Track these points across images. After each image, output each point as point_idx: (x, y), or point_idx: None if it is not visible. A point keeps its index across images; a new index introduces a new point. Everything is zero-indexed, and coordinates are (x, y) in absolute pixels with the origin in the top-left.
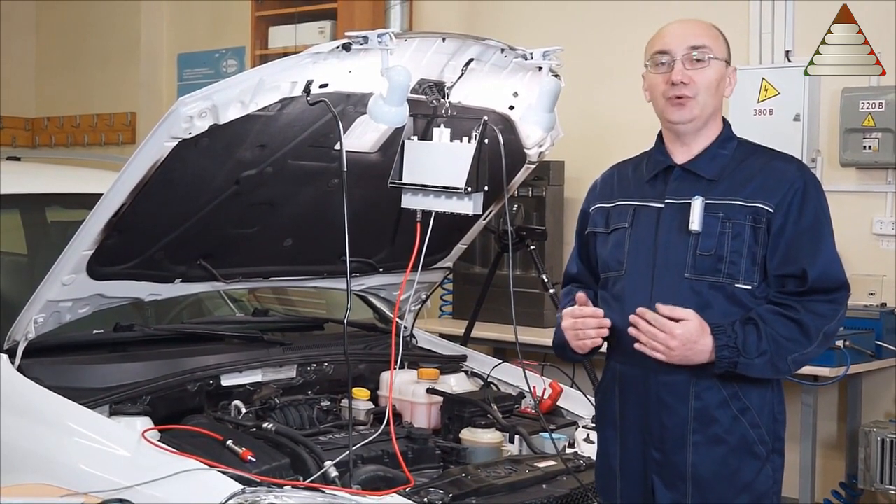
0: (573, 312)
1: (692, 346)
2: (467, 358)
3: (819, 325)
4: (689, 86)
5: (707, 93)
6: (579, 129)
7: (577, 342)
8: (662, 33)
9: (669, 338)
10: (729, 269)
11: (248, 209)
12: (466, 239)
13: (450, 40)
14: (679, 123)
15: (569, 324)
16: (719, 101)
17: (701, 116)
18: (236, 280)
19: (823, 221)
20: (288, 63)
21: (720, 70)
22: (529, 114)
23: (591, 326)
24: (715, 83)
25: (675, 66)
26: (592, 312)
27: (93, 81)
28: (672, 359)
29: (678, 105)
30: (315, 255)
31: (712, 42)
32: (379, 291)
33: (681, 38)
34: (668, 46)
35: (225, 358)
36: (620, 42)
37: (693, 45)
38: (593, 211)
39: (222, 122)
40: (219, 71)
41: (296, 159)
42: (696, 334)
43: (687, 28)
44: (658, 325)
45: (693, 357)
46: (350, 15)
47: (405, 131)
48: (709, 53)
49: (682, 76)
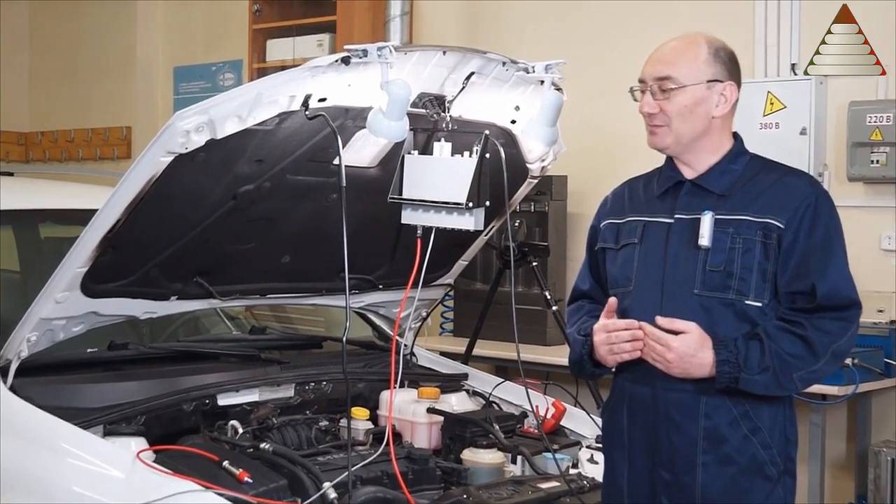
0: (606, 326)
1: (690, 359)
2: (468, 376)
3: (827, 342)
4: (659, 115)
5: (679, 119)
6: (582, 143)
7: (612, 357)
8: (647, 58)
9: (666, 350)
10: (739, 286)
11: (246, 225)
12: (467, 255)
13: (450, 53)
14: (656, 149)
15: (602, 338)
16: (702, 123)
17: (678, 142)
18: (233, 297)
19: (835, 238)
20: (286, 77)
21: (694, 95)
22: (531, 128)
23: (625, 339)
24: (688, 109)
25: (645, 97)
26: (626, 325)
27: (88, 95)
28: (671, 371)
29: (651, 134)
30: (313, 272)
31: (684, 69)
32: (378, 309)
33: (652, 66)
34: (643, 75)
35: (221, 377)
36: (624, 53)
37: (658, 76)
38: (604, 227)
39: (219, 136)
40: (216, 84)
41: (294, 174)
42: (694, 348)
43: (660, 55)
44: (654, 338)
45: (692, 371)
46: (349, 28)
47: (405, 146)
48: (672, 84)
49: (648, 107)
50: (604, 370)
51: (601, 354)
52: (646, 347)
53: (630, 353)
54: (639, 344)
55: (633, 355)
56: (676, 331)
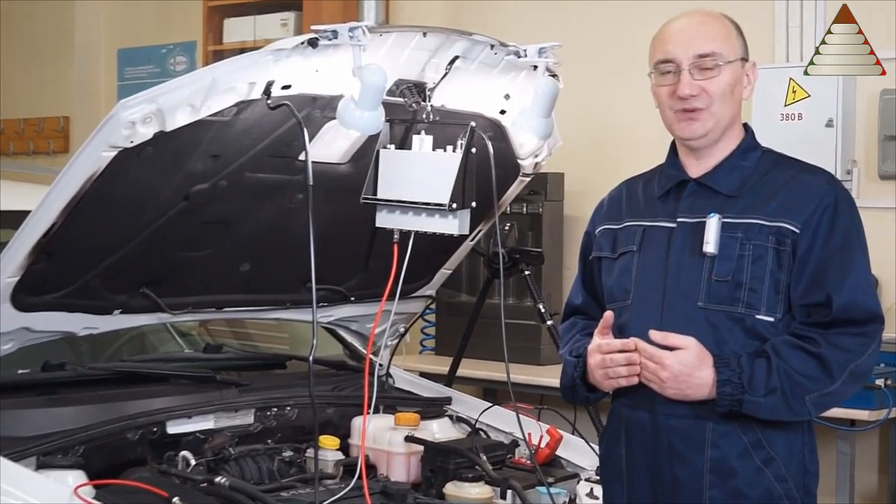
0: (600, 347)
1: (687, 378)
2: (452, 400)
3: (843, 361)
4: (700, 97)
5: (721, 102)
6: (581, 137)
7: (608, 382)
8: (665, 36)
9: (660, 368)
10: (749, 298)
11: (199, 229)
12: (451, 263)
13: (432, 35)
14: (691, 140)
15: (597, 360)
16: (737, 106)
17: (716, 129)
18: (185, 311)
19: (855, 243)
20: (245, 61)
21: (735, 72)
22: (523, 119)
23: (621, 363)
24: (730, 89)
25: (682, 77)
26: (622, 345)
27: (19, 82)
28: (666, 392)
29: (688, 120)
30: (276, 282)
31: (723, 43)
32: (350, 324)
33: (686, 43)
34: (673, 54)
35: (171, 401)
36: (626, 37)
37: (701, 53)
38: (599, 233)
39: (169, 128)
40: (165, 69)
41: (254, 171)
42: (691, 366)
43: (693, 30)
44: (647, 354)
45: (689, 392)
46: (317, 6)
47: (380, 139)
48: (720, 59)
49: (690, 88)
50: (599, 395)
51: (596, 378)
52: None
53: (627, 377)
54: (636, 368)
55: (630, 381)
56: (672, 346)
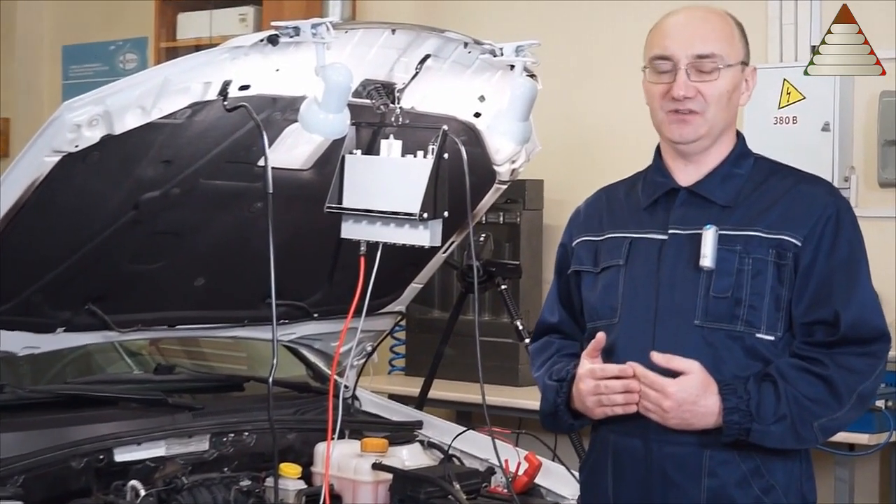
0: (594, 372)
1: (691, 407)
2: (423, 424)
3: (852, 383)
4: (695, 99)
5: (717, 107)
6: (561, 141)
7: (601, 409)
8: (664, 31)
9: (662, 397)
10: (748, 316)
11: (150, 240)
12: (422, 277)
13: (401, 32)
14: (681, 143)
15: (590, 386)
16: (733, 113)
17: (709, 135)
18: (134, 328)
19: (859, 256)
20: (200, 59)
21: (734, 78)
22: (499, 122)
23: (618, 390)
24: (727, 95)
25: (678, 76)
26: (619, 371)
27: None
28: (668, 422)
29: (680, 122)
30: (233, 298)
31: (725, 45)
32: (313, 342)
33: (686, 41)
34: (670, 51)
35: (119, 426)
36: (611, 34)
37: (700, 54)
38: (577, 245)
39: (118, 132)
40: (114, 67)
41: (209, 178)
42: (695, 393)
43: (694, 27)
44: (647, 381)
45: (694, 421)
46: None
47: (346, 144)
48: (720, 62)
49: (686, 90)
50: (584, 422)
51: (587, 406)
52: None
53: (623, 406)
54: (634, 397)
55: (627, 409)
56: (674, 371)
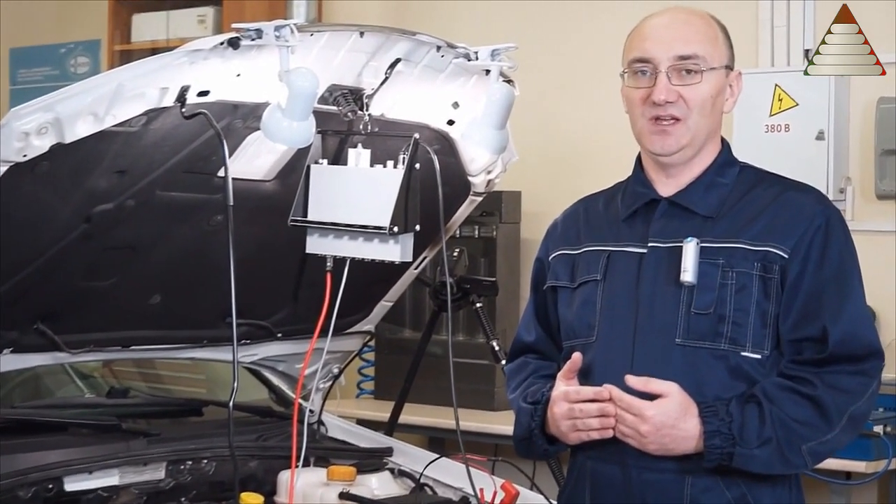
0: (568, 395)
1: (670, 431)
2: (393, 451)
3: (843, 404)
4: (677, 104)
5: (701, 113)
6: (539, 151)
7: (575, 434)
8: (643, 33)
9: (639, 421)
10: (733, 333)
11: (103, 255)
12: (392, 294)
13: (370, 35)
14: (662, 155)
15: (564, 410)
16: (717, 119)
17: (692, 144)
18: (86, 349)
19: (851, 269)
20: (156, 63)
21: (718, 82)
22: (474, 130)
23: (593, 414)
24: (711, 100)
25: (659, 80)
26: (594, 394)
27: None
28: (646, 447)
29: (661, 133)
30: (191, 317)
31: (708, 47)
32: (276, 364)
33: (666, 43)
34: (650, 53)
35: (70, 454)
36: (592, 38)
37: (681, 55)
38: (553, 259)
39: (68, 140)
40: (65, 72)
41: (166, 190)
42: (675, 416)
43: (675, 29)
44: (624, 404)
45: (673, 446)
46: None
47: (311, 153)
48: (703, 64)
49: (667, 94)
50: (560, 447)
51: (562, 430)
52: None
53: (600, 430)
54: (610, 421)
55: (603, 434)
56: (652, 393)
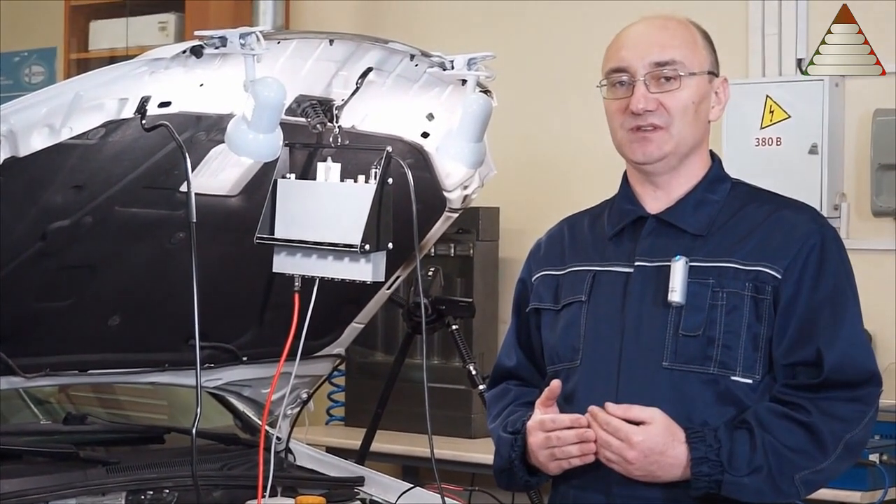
0: (544, 423)
1: (658, 458)
2: (365, 481)
3: (839, 431)
4: (657, 112)
5: (683, 120)
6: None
7: (555, 464)
8: (620, 42)
9: (626, 447)
10: (722, 357)
11: (59, 275)
12: (364, 316)
13: (339, 43)
14: (645, 164)
15: (540, 439)
16: (702, 128)
17: (675, 153)
18: (42, 374)
19: (847, 290)
20: (115, 73)
21: (700, 88)
22: (450, 143)
23: (572, 441)
24: (693, 107)
25: (636, 89)
26: (571, 421)
27: None
28: (631, 474)
29: (642, 140)
30: (152, 339)
31: (686, 52)
32: (242, 389)
33: (642, 50)
34: (626, 62)
35: (24, 483)
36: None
37: (658, 61)
38: (537, 280)
39: (23, 153)
40: (19, 81)
41: (126, 206)
42: (662, 443)
43: (651, 35)
44: (611, 428)
45: (660, 473)
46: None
47: (278, 167)
48: (681, 69)
49: (645, 102)
50: (542, 478)
51: (540, 461)
52: (598, 443)
53: (580, 457)
54: (590, 447)
55: (584, 460)
56: (634, 421)
